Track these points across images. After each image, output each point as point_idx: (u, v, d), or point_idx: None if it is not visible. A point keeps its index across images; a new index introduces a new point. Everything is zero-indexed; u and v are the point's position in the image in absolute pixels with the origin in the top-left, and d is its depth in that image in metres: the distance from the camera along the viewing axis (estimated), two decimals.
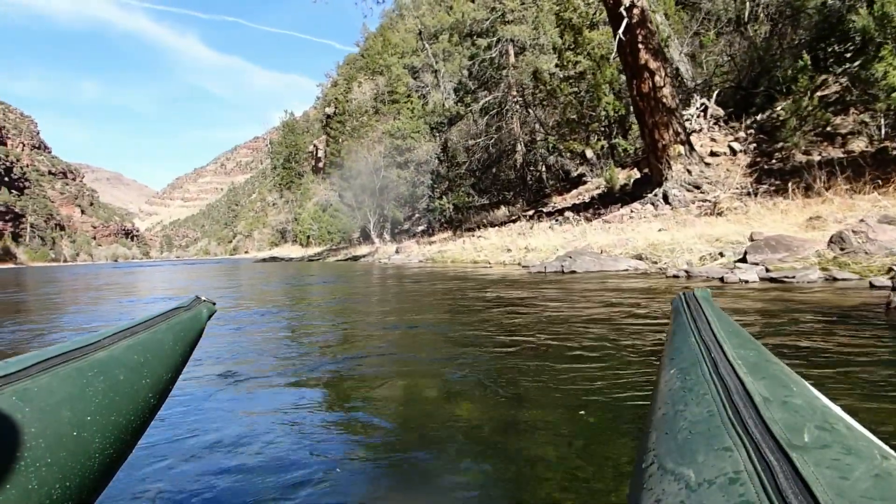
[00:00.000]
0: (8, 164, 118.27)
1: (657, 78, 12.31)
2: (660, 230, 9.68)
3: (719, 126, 14.70)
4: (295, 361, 2.72)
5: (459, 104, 26.50)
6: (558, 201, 18.08)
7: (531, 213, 17.95)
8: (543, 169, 25.42)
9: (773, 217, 8.71)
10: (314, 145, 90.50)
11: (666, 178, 12.33)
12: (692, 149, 12.56)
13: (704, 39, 18.42)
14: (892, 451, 0.34)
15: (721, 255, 6.30)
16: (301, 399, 1.99)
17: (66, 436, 0.60)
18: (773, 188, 10.38)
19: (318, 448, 1.46)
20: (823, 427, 0.36)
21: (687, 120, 14.23)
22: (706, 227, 8.91)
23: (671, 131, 12.35)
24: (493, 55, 24.38)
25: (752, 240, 7.18)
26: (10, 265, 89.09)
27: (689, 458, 0.38)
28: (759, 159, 11.97)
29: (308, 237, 60.26)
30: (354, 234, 43.36)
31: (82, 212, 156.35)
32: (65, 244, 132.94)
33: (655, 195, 12.31)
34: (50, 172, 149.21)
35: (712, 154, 12.92)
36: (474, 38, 25.31)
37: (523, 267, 9.91)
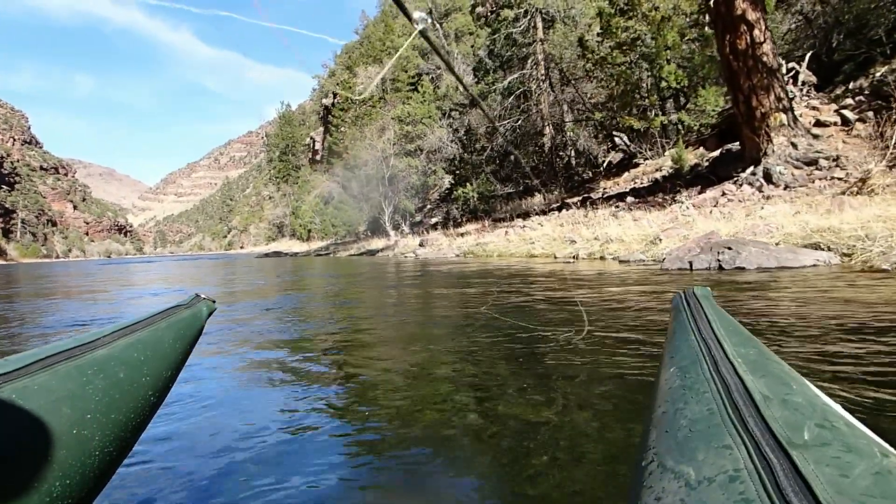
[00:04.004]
0: None
1: (756, 32, 10.23)
2: (796, 213, 7.64)
3: (809, 95, 12.65)
4: None
5: (480, 84, 24.27)
6: (609, 186, 15.97)
7: (577, 200, 15.86)
8: (573, 153, 23.33)
9: None
10: (311, 137, 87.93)
11: (765, 154, 10.27)
12: (795, 118, 10.51)
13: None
14: (892, 449, 0.34)
15: None
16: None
17: (65, 434, 0.59)
18: None
19: (322, 450, 1.34)
20: (823, 425, 0.36)
21: None
22: (869, 208, 6.86)
23: (772, 97, 10.29)
24: (520, 29, 22.19)
25: None
26: (1, 262, 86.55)
27: (689, 456, 0.37)
28: (882, 129, 9.92)
29: (309, 231, 57.94)
30: (360, 228, 41.13)
31: (74, 207, 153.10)
32: (57, 240, 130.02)
33: (754, 174, 10.25)
34: (41, 168, 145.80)
35: (818, 124, 10.86)
36: (499, 10, 23.07)
37: (622, 262, 7.84)
